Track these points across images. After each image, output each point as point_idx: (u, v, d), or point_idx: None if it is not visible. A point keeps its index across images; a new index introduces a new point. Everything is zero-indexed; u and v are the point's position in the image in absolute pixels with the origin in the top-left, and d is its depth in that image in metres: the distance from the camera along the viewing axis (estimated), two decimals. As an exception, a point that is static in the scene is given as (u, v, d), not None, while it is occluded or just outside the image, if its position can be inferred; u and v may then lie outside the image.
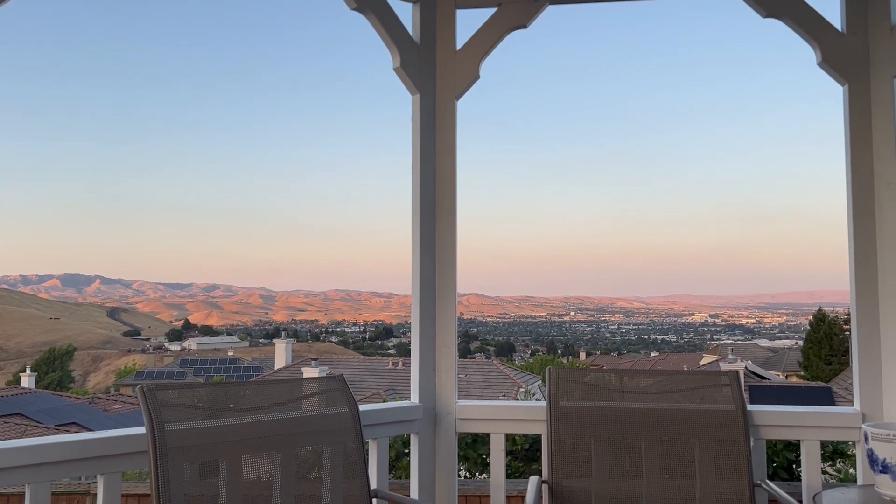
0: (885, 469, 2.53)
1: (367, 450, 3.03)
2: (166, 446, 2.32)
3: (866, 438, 2.62)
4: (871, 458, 2.58)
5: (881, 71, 3.02)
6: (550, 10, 3.35)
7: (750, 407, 3.00)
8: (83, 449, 2.36)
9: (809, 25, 3.08)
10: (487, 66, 3.39)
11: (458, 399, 3.23)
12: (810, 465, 3.01)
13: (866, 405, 2.97)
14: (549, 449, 3.03)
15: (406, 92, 3.34)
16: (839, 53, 3.07)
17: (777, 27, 3.20)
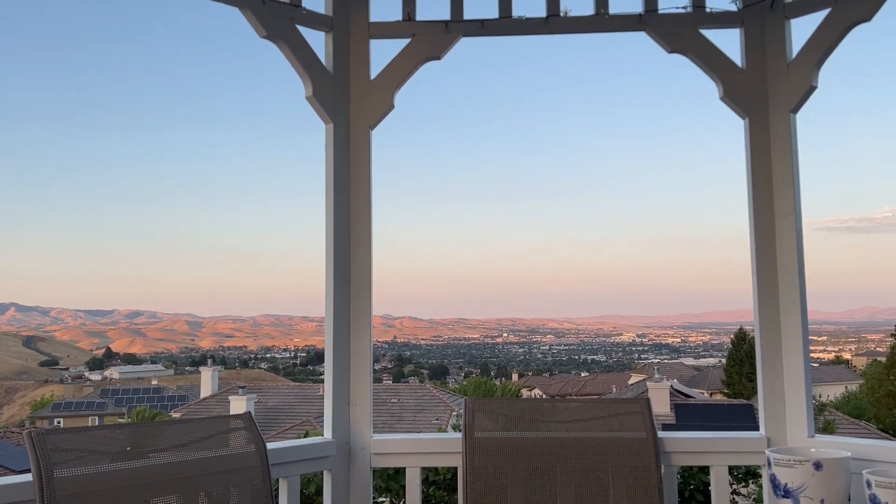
0: (787, 494, 2.59)
1: (278, 489, 2.94)
2: (55, 495, 2.19)
3: (769, 464, 2.69)
4: (774, 484, 2.65)
5: (779, 106, 3.14)
6: (464, 42, 3.37)
7: (660, 434, 3.04)
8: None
9: (711, 61, 3.18)
10: (405, 96, 3.39)
11: (374, 433, 3.18)
12: (719, 491, 3.06)
13: (771, 430, 3.05)
14: (464, 481, 3.00)
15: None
16: (739, 89, 3.18)
17: (685, 62, 3.30)
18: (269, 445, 2.78)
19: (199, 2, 3.03)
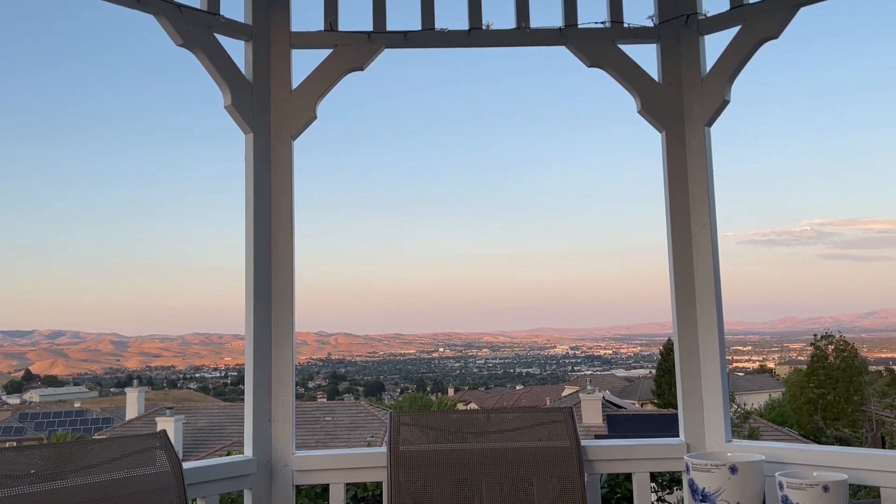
0: (704, 498, 2.64)
1: (196, 509, 2.84)
2: (-52, 524, 2.06)
3: (688, 469, 2.74)
4: (693, 488, 2.69)
5: (693, 119, 3.24)
6: (387, 53, 3.36)
7: (584, 442, 3.06)
8: None
9: (629, 75, 3.26)
10: (336, 108, 3.36)
11: (297, 450, 3.11)
12: (641, 497, 3.10)
13: (690, 436, 3.11)
14: (389, 496, 2.96)
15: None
16: (656, 102, 3.26)
17: (605, 76, 3.36)
18: (186, 465, 2.69)
19: (114, 9, 2.92)
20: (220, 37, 3.11)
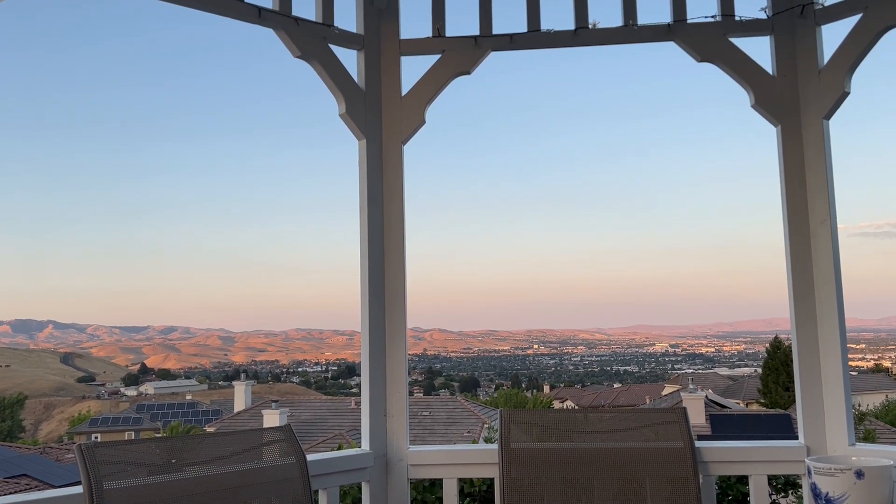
0: (828, 503, 2.57)
1: (318, 500, 2.98)
2: (104, 506, 2.25)
3: (809, 473, 2.66)
4: (815, 493, 2.62)
5: (810, 113, 3.13)
6: (493, 56, 3.41)
7: (698, 443, 3.02)
8: (16, 512, 2.27)
9: (741, 69, 3.18)
10: (436, 108, 3.43)
11: (410, 444, 3.21)
12: (759, 500, 3.03)
13: (810, 438, 3.02)
14: (501, 492, 3.01)
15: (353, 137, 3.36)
16: (771, 96, 3.17)
17: (715, 71, 3.30)
18: (309, 457, 2.83)
19: (230, 19, 3.07)
20: (333, 47, 3.24)
